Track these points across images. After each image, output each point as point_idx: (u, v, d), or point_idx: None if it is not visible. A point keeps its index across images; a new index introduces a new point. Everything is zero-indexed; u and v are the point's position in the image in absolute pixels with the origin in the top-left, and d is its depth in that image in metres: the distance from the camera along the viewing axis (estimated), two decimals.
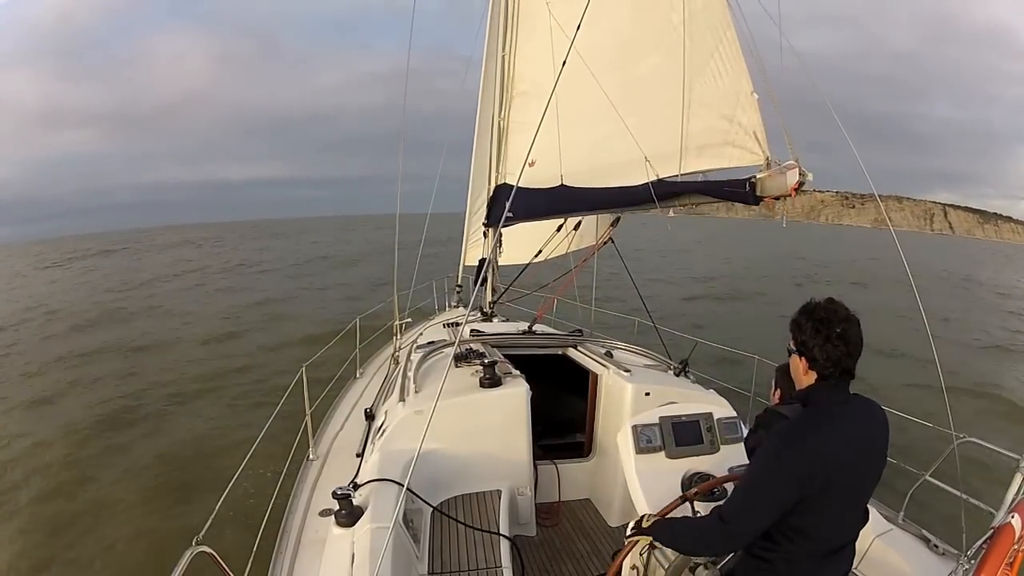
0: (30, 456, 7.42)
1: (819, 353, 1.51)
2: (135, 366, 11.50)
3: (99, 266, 37.73)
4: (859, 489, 1.56)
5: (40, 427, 8.41)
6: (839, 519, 1.56)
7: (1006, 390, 10.81)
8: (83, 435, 8.02)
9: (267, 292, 20.98)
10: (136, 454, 7.39)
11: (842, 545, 1.61)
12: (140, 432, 8.15)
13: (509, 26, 4.60)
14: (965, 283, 33.80)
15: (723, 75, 3.58)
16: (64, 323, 16.58)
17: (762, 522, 1.51)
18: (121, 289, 23.96)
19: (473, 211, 6.19)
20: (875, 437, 1.57)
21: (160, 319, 16.63)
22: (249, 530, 2.88)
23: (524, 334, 4.59)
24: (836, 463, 1.47)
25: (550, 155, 4.21)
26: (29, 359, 12.56)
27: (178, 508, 5.80)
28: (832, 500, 1.48)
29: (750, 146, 3.51)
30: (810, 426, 1.52)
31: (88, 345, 13.51)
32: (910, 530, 2.52)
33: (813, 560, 1.56)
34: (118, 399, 9.50)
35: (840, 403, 1.55)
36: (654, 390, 3.24)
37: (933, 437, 3.08)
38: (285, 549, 2.63)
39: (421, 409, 2.89)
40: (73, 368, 11.65)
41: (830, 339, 1.49)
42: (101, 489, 6.47)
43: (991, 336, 16.77)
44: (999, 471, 2.52)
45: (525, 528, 3.19)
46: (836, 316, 1.51)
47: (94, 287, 25.66)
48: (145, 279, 26.99)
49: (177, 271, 30.59)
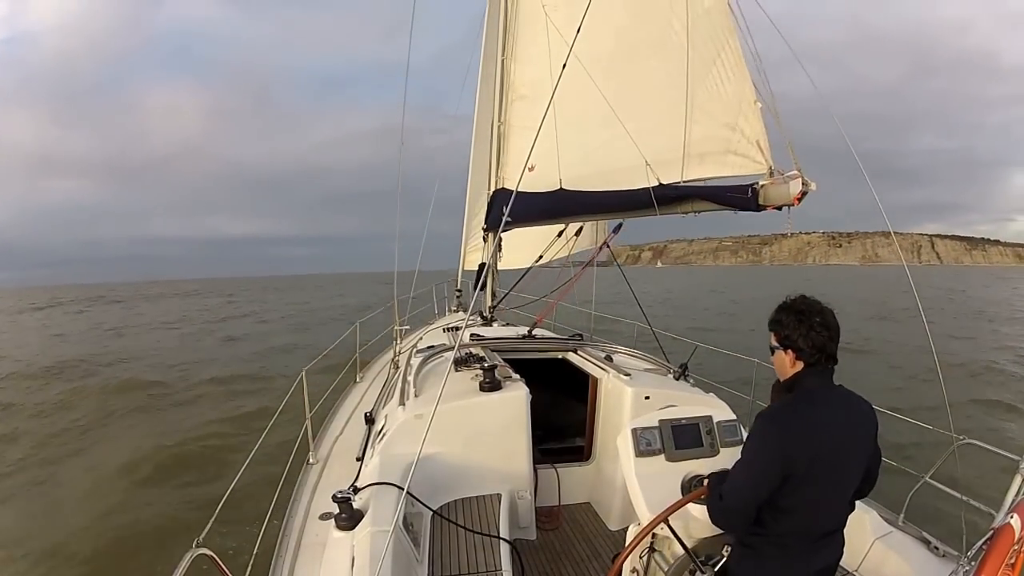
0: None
1: (804, 342, 1.60)
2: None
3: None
4: (844, 471, 1.62)
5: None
6: (825, 502, 1.62)
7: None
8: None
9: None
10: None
11: (830, 531, 1.67)
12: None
13: (508, 30, 4.63)
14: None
15: (725, 83, 3.59)
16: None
17: (753, 497, 1.58)
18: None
19: (472, 215, 6.20)
20: (859, 423, 1.64)
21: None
22: (249, 533, 2.88)
23: (524, 338, 4.59)
24: (820, 443, 1.54)
25: (550, 159, 4.22)
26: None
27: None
28: (817, 480, 1.55)
29: (752, 155, 3.51)
30: (796, 408, 1.61)
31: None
32: (910, 532, 2.52)
33: (801, 544, 1.63)
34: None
35: (825, 388, 1.63)
36: (654, 394, 3.24)
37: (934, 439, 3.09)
38: (285, 552, 2.62)
39: (421, 413, 2.89)
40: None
41: (813, 327, 1.59)
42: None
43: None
44: (999, 472, 2.52)
45: (525, 532, 3.19)
46: (813, 307, 1.63)
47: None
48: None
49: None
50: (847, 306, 26.70)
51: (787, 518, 1.60)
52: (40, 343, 22.27)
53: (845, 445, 1.59)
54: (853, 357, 12.68)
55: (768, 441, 1.58)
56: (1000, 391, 10.94)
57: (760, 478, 1.57)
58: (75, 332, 26.08)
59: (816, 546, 1.65)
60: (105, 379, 13.05)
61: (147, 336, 23.21)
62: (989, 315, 28.25)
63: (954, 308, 30.99)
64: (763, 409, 1.68)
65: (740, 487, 1.63)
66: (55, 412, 10.28)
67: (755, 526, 1.63)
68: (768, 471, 1.55)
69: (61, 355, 17.17)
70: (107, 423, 9.50)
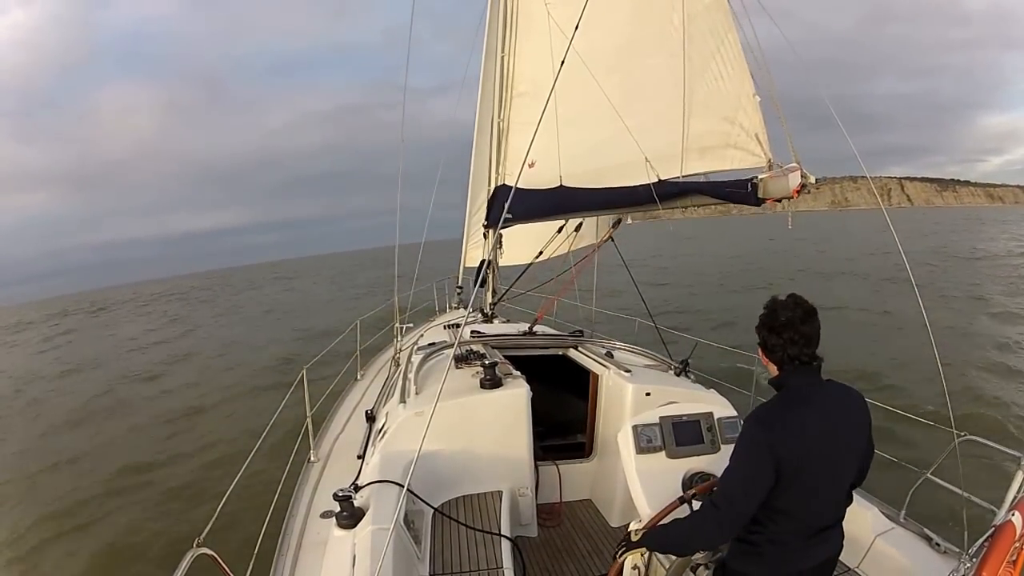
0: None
1: (779, 352, 1.62)
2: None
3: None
4: (837, 467, 1.62)
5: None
6: (821, 499, 1.62)
7: None
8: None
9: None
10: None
11: (827, 526, 1.67)
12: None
13: (508, 26, 4.60)
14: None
15: (725, 77, 3.57)
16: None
17: (750, 502, 1.57)
18: None
19: (473, 212, 6.19)
20: (849, 418, 1.63)
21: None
22: (250, 532, 2.89)
23: (524, 335, 4.59)
24: (810, 441, 1.54)
25: (550, 156, 4.21)
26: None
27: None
28: (812, 477, 1.55)
29: (752, 148, 3.50)
30: (784, 406, 1.62)
31: None
32: (911, 528, 2.52)
33: (799, 540, 1.63)
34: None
35: (812, 385, 1.63)
36: (654, 390, 3.24)
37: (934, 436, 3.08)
38: (286, 551, 2.63)
39: (422, 410, 2.89)
40: None
41: (788, 338, 1.60)
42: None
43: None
44: (1000, 469, 2.52)
45: (526, 529, 3.19)
46: (792, 316, 1.60)
47: None
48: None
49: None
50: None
51: (783, 517, 1.59)
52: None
53: (836, 440, 1.59)
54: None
55: (757, 444, 1.57)
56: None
57: (757, 480, 1.55)
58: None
59: (815, 541, 1.65)
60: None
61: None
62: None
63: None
64: (750, 412, 1.68)
65: (734, 493, 1.61)
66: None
67: (753, 525, 1.63)
68: (760, 475, 1.54)
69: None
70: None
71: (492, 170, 5.01)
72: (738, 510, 1.59)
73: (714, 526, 1.66)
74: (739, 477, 1.62)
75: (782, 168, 3.21)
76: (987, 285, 19.06)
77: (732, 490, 1.63)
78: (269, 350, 16.02)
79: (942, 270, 23.25)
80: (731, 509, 1.60)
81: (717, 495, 1.66)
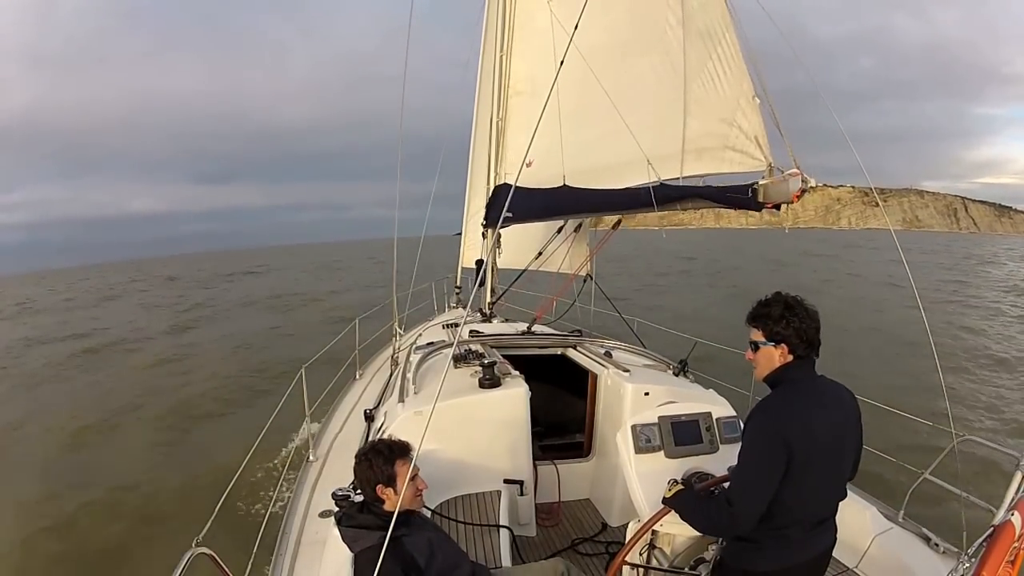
0: None
1: (795, 336, 1.64)
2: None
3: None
4: (838, 459, 1.64)
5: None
6: (824, 491, 1.65)
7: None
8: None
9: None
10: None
11: (825, 518, 1.70)
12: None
13: (506, 26, 4.60)
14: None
15: (722, 77, 3.54)
16: None
17: (763, 496, 1.58)
18: None
19: (471, 212, 6.19)
20: (845, 411, 1.67)
21: None
22: (249, 531, 2.88)
23: (523, 335, 4.58)
24: (815, 432, 1.57)
25: (548, 155, 4.20)
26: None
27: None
28: (815, 468, 1.57)
29: (751, 151, 3.47)
30: (786, 399, 1.65)
31: None
32: (910, 528, 2.52)
33: (799, 533, 1.65)
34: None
35: (810, 379, 1.68)
36: (653, 390, 3.23)
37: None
38: (285, 550, 2.62)
39: (420, 410, 2.88)
40: None
41: (802, 320, 1.64)
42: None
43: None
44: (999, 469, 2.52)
45: (525, 528, 3.19)
46: (793, 300, 1.68)
47: None
48: None
49: None
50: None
51: (786, 509, 1.60)
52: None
53: (837, 433, 1.62)
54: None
55: (767, 434, 1.59)
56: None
57: (769, 473, 1.56)
58: None
59: (813, 533, 1.67)
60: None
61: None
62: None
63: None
64: (753, 408, 1.69)
65: (751, 486, 1.61)
66: None
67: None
68: (774, 462, 1.55)
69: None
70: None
71: (491, 170, 5.01)
72: (749, 505, 1.60)
73: (727, 521, 1.66)
74: (748, 471, 1.63)
75: (783, 173, 3.19)
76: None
77: (742, 485, 1.64)
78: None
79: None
80: (743, 505, 1.61)
81: (730, 491, 1.66)
